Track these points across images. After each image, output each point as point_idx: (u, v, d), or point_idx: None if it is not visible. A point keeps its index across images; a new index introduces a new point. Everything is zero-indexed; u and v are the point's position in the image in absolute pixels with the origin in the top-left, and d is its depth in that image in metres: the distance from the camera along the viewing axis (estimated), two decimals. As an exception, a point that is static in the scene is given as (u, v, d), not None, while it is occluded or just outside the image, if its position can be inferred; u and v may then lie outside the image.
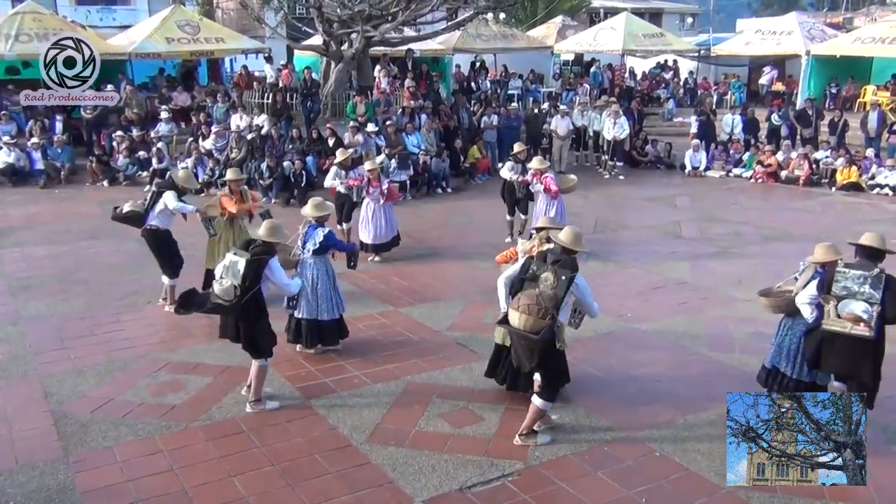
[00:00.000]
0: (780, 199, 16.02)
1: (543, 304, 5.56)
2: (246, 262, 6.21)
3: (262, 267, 6.30)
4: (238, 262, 6.25)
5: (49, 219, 13.96)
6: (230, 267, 6.30)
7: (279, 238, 6.60)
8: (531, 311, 5.56)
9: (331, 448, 6.02)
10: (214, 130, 16.97)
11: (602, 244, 12.24)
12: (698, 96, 24.69)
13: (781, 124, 19.63)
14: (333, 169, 11.63)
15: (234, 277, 6.22)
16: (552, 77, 26.94)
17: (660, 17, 44.93)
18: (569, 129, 18.54)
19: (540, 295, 5.59)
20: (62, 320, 8.81)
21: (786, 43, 24.23)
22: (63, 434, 6.22)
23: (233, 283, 6.20)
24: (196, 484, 5.53)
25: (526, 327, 5.59)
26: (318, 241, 7.51)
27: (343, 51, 18.78)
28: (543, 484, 5.56)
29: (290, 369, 7.44)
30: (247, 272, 6.19)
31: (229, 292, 6.19)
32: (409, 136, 16.78)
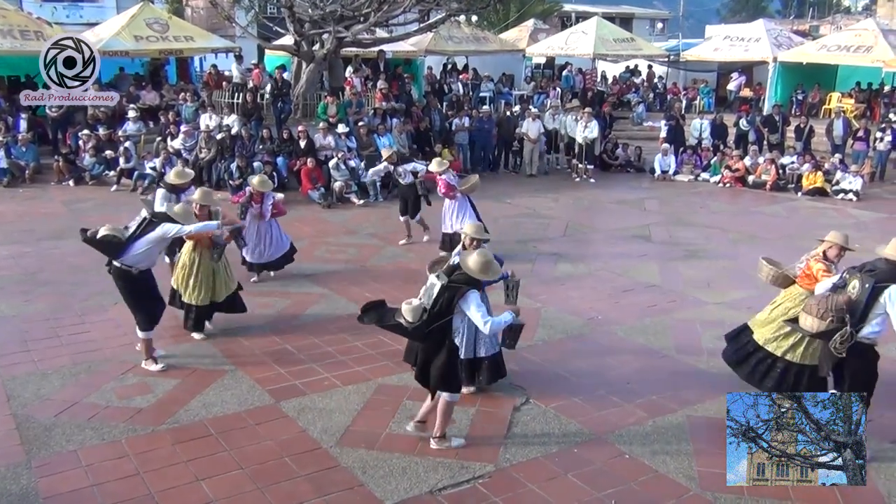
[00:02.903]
0: (747, 204, 16.24)
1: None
2: (442, 286, 5.69)
3: (458, 297, 5.68)
4: (435, 285, 5.73)
5: (12, 218, 13.70)
6: (428, 289, 5.81)
7: (490, 275, 5.84)
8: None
9: (300, 451, 5.97)
10: (183, 130, 16.76)
11: (572, 247, 12.32)
12: (668, 101, 24.96)
13: (749, 130, 19.92)
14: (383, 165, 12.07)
15: (429, 300, 5.71)
16: (524, 80, 27.06)
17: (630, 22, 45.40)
18: (540, 132, 18.63)
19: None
20: (25, 322, 8.64)
21: (754, 49, 24.60)
22: (26, 438, 6.09)
23: (423, 306, 5.70)
24: (163, 488, 5.45)
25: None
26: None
27: (314, 51, 18.69)
28: (514, 486, 5.57)
29: (259, 371, 7.37)
30: (439, 297, 5.67)
31: (415, 312, 5.66)
32: (381, 138, 16.73)
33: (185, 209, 7.50)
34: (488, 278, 5.85)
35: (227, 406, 6.68)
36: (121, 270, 7.21)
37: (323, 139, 16.11)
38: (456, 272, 5.81)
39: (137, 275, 7.20)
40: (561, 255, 11.80)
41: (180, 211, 7.39)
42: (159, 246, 7.38)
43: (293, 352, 7.82)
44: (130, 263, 7.15)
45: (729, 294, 9.93)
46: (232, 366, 7.49)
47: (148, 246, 7.12)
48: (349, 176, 15.37)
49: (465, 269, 5.72)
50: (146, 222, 7.16)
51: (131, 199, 15.25)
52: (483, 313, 5.69)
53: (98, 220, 13.46)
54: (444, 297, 5.66)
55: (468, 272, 5.71)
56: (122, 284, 7.29)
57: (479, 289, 5.78)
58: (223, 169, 15.69)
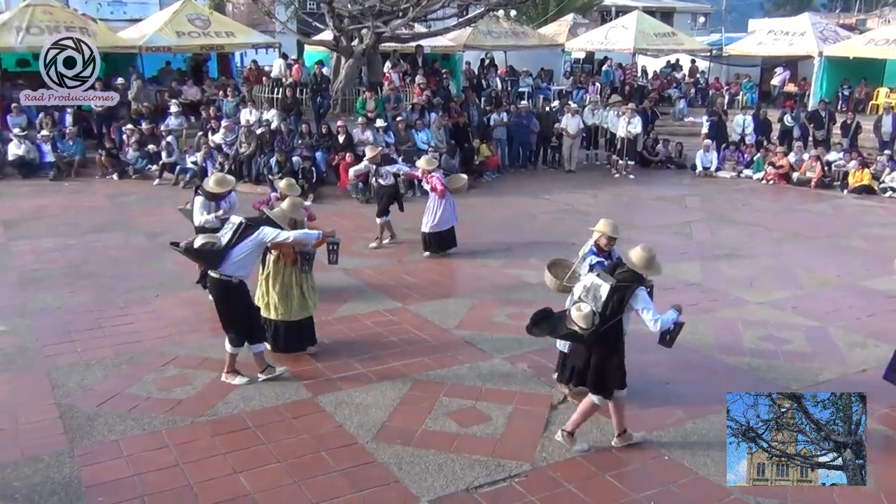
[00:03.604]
0: (791, 201, 15.92)
1: None
2: (611, 287, 5.59)
3: (629, 296, 5.60)
4: (601, 286, 5.63)
5: (58, 211, 13.98)
6: (591, 289, 5.70)
7: (655, 271, 5.76)
8: None
9: (337, 445, 5.98)
10: (224, 125, 16.96)
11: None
12: (710, 96, 24.57)
13: (794, 126, 19.52)
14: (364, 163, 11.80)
15: (595, 302, 5.62)
16: (563, 75, 26.85)
17: (671, 16, 44.75)
18: (579, 128, 18.48)
19: None
20: (69, 313, 8.80)
21: (798, 44, 24.10)
22: (69, 427, 6.20)
23: (592, 309, 5.60)
24: (202, 479, 5.50)
25: None
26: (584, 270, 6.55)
27: (353, 46, 18.74)
28: (550, 485, 5.52)
29: (296, 365, 7.41)
30: (609, 299, 5.59)
31: (588, 319, 5.55)
32: (419, 133, 16.74)
33: (283, 211, 7.04)
34: (654, 273, 5.78)
35: (265, 399, 6.73)
36: (219, 282, 6.75)
37: (361, 134, 16.15)
38: (619, 271, 5.71)
39: (238, 285, 6.79)
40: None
41: (279, 213, 6.99)
42: (257, 252, 6.91)
43: (330, 346, 7.85)
44: (230, 273, 6.69)
45: (772, 293, 9.74)
46: (270, 360, 7.53)
47: (245, 253, 6.68)
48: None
49: (630, 266, 5.66)
50: (242, 227, 6.69)
51: (173, 193, 15.51)
52: (653, 311, 5.62)
53: (141, 213, 13.81)
54: (615, 299, 5.58)
55: (634, 268, 5.64)
56: (221, 297, 6.85)
57: (646, 285, 5.71)
58: (263, 163, 15.83)
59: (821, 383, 7.15)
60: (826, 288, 10.12)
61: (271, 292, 7.47)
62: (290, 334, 7.60)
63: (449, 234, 11.26)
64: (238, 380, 6.99)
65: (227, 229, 6.80)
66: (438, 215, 10.97)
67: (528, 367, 7.44)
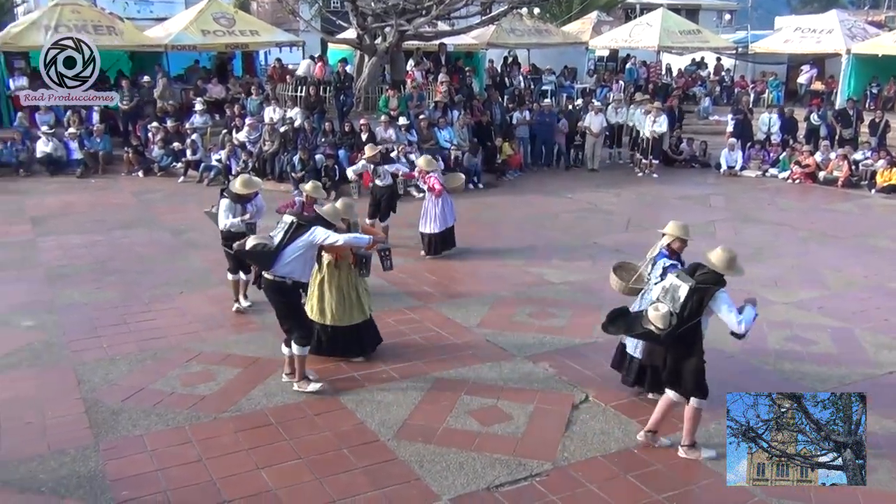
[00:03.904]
0: (817, 201, 15.73)
1: None
2: (690, 289, 5.50)
3: (708, 298, 5.51)
4: (680, 287, 5.55)
5: (85, 208, 14.15)
6: (670, 290, 5.62)
7: (737, 271, 5.67)
8: None
9: (358, 443, 6.01)
10: (248, 123, 17.07)
11: (634, 243, 12.09)
12: (735, 94, 24.34)
13: (820, 124, 19.28)
14: (361, 163, 11.48)
15: (673, 303, 5.55)
16: (586, 73, 26.71)
17: (696, 14, 44.30)
18: (602, 126, 18.38)
19: None
20: (96, 309, 8.91)
21: (826, 41, 23.78)
22: (94, 422, 6.28)
23: (670, 310, 5.53)
24: (224, 475, 5.55)
25: None
26: (657, 272, 6.36)
27: (377, 45, 18.77)
28: (572, 485, 5.50)
29: (319, 362, 7.43)
30: (688, 300, 5.50)
31: (665, 319, 5.49)
32: (442, 131, 16.74)
33: (335, 209, 6.89)
34: (736, 274, 5.67)
35: (287, 396, 6.77)
36: (273, 283, 6.65)
37: (384, 132, 16.17)
38: (699, 272, 5.62)
39: (292, 286, 6.68)
40: (622, 250, 11.58)
41: (330, 210, 6.84)
42: (310, 252, 6.71)
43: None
44: (283, 274, 6.58)
45: (797, 294, 9.64)
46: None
47: (297, 253, 6.54)
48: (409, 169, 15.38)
49: (711, 267, 5.58)
50: (294, 227, 6.56)
51: (197, 190, 15.66)
52: (736, 313, 5.53)
53: (166, 210, 13.93)
54: (694, 300, 5.50)
55: (715, 269, 5.57)
56: (277, 298, 6.73)
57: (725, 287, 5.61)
58: (286, 161, 15.91)
59: (847, 385, 7.06)
60: (853, 288, 9.99)
61: (327, 297, 7.29)
62: (348, 338, 7.44)
63: (449, 234, 11.17)
64: (312, 387, 6.79)
65: (278, 229, 6.67)
66: (437, 216, 10.89)
67: (549, 366, 7.42)
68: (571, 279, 10.14)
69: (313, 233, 6.53)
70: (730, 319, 5.50)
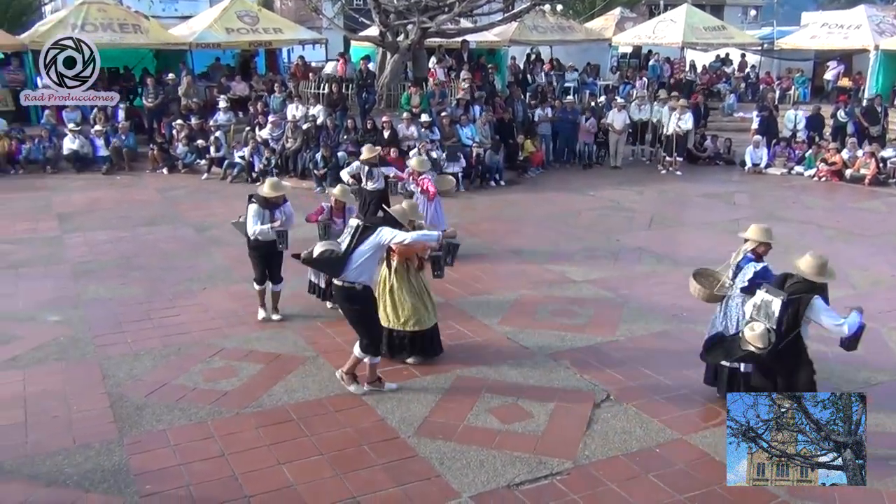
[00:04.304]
0: (844, 199, 15.53)
1: None
2: (783, 302, 5.41)
3: (804, 308, 5.42)
4: (772, 302, 5.46)
5: (110, 205, 14.30)
6: (762, 307, 5.52)
7: (828, 277, 5.59)
8: None
9: (379, 439, 6.02)
10: (271, 120, 17.16)
11: (656, 241, 12.03)
12: (760, 91, 24.09)
13: (847, 121, 19.02)
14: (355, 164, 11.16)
15: (768, 320, 5.44)
16: (609, 70, 26.55)
17: (721, 10, 43.87)
18: (625, 123, 18.27)
19: None
20: (120, 304, 9.00)
21: (853, 37, 23.47)
22: (119, 416, 6.35)
23: (766, 328, 5.42)
24: (246, 470, 5.59)
25: None
26: (746, 277, 6.21)
27: (399, 42, 18.80)
28: (593, 484, 5.47)
29: (340, 359, 7.45)
30: (783, 315, 5.41)
31: (763, 338, 5.40)
32: (464, 128, 16.72)
33: (403, 210, 6.79)
34: (829, 279, 5.59)
35: (309, 392, 6.80)
36: (343, 289, 6.51)
37: (406, 129, 16.20)
38: (789, 283, 5.53)
39: (363, 291, 6.53)
40: (645, 248, 11.55)
41: (399, 211, 6.69)
42: (378, 255, 6.60)
43: (373, 341, 7.87)
44: (353, 279, 6.43)
45: (823, 293, 9.50)
46: (314, 353, 7.62)
47: (366, 256, 6.38)
48: (431, 166, 15.39)
49: (802, 276, 5.49)
50: (360, 230, 6.41)
51: (221, 187, 15.78)
52: (835, 317, 5.42)
53: (190, 207, 14.05)
54: (789, 313, 5.42)
55: (806, 277, 5.49)
56: (348, 305, 6.60)
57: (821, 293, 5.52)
58: (308, 158, 15.99)
59: (873, 385, 6.98)
60: (880, 287, 9.85)
61: (400, 303, 7.15)
62: (426, 343, 7.36)
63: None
64: (387, 386, 6.78)
65: (345, 234, 6.56)
66: (429, 220, 10.63)
67: (570, 364, 7.39)
68: (593, 277, 10.09)
69: (380, 233, 6.37)
70: (829, 324, 5.38)
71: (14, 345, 7.78)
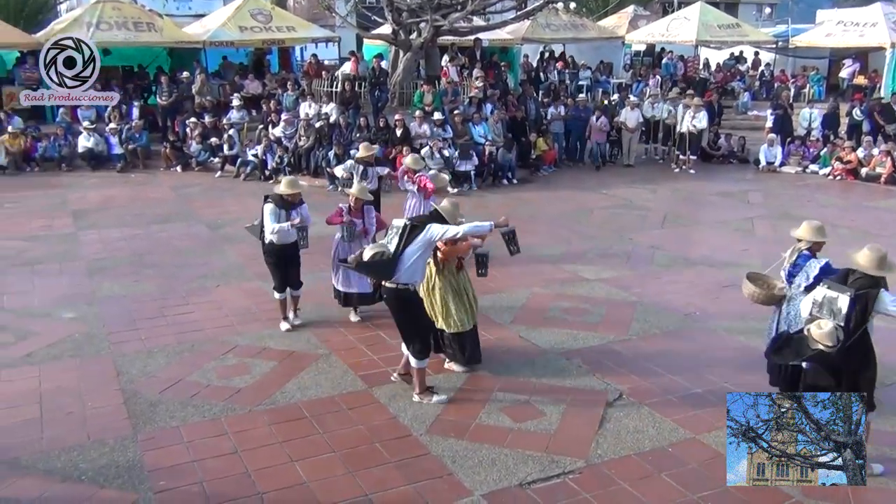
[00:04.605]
0: (859, 198, 15.40)
1: None
2: (850, 299, 5.35)
3: (871, 303, 5.37)
4: (837, 298, 5.40)
5: (125, 202, 14.38)
6: (824, 304, 5.46)
7: (888, 270, 5.54)
8: None
9: (391, 437, 6.03)
10: (284, 118, 17.21)
11: (670, 239, 11.98)
12: (775, 89, 23.92)
13: (863, 119, 18.86)
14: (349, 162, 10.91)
15: (835, 317, 5.38)
16: (622, 68, 26.45)
17: (736, 7, 43.58)
18: (638, 122, 18.20)
19: None
20: (134, 301, 9.05)
21: (869, 35, 23.26)
22: (133, 412, 6.39)
23: (834, 325, 5.34)
24: (259, 467, 5.61)
25: None
26: (811, 274, 6.09)
27: (412, 40, 18.80)
28: (605, 483, 5.46)
29: (353, 357, 7.49)
30: (850, 311, 5.35)
31: (832, 336, 5.28)
32: (476, 127, 16.71)
33: (452, 207, 6.55)
34: (890, 272, 5.54)
35: (322, 390, 6.82)
36: (397, 291, 6.34)
37: (418, 127, 16.20)
38: (852, 279, 5.49)
39: (415, 293, 6.44)
40: (658, 247, 11.51)
41: (448, 207, 6.49)
42: (427, 254, 6.42)
43: (386, 339, 7.89)
44: (406, 281, 6.29)
45: (838, 292, 9.44)
46: (327, 350, 7.64)
47: (416, 256, 6.24)
48: (443, 165, 15.41)
49: (862, 270, 5.47)
50: (409, 229, 6.25)
51: (234, 185, 15.85)
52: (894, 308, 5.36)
53: (203, 205, 14.11)
54: (857, 309, 5.37)
55: (867, 272, 5.47)
56: (400, 306, 6.43)
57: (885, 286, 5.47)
58: (321, 156, 16.03)
59: (888, 386, 6.90)
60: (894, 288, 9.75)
61: (449, 305, 6.97)
62: (474, 343, 7.22)
63: None
64: (436, 399, 6.58)
65: (391, 235, 6.36)
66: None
67: (582, 363, 7.38)
68: (606, 276, 10.06)
69: (429, 230, 6.22)
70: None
71: (30, 341, 7.84)
